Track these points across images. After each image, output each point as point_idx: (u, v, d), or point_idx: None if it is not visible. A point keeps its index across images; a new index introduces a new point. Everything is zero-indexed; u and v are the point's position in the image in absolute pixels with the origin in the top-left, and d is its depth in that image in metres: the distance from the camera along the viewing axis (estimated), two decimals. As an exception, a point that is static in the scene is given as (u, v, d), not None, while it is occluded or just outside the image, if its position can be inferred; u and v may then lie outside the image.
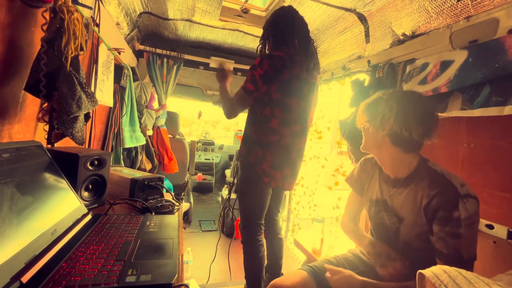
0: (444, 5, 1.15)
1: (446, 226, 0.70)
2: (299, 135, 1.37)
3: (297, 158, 1.41)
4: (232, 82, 3.22)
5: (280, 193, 1.61)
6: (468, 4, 1.06)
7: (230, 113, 1.37)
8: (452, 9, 1.13)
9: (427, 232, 0.78)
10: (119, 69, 1.64)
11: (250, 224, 1.43)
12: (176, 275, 0.49)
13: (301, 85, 1.31)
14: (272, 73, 1.23)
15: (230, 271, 1.79)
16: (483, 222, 1.06)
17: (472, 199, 0.70)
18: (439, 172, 0.77)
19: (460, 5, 1.09)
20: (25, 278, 0.43)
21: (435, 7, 1.19)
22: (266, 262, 1.63)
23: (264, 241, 1.48)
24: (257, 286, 1.43)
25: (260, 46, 1.43)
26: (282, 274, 1.66)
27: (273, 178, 1.35)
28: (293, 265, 2.27)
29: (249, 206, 1.43)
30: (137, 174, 1.06)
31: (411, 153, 0.82)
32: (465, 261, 0.70)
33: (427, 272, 0.48)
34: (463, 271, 0.46)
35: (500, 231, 1.00)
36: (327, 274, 0.88)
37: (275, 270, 1.63)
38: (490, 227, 1.03)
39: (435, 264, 0.76)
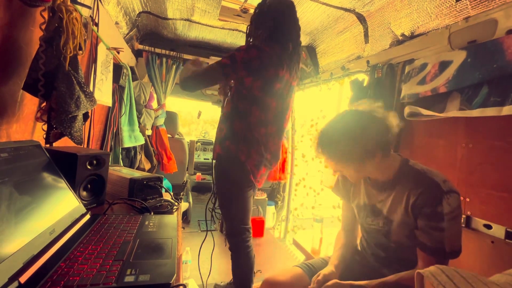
0: (443, 6, 1.15)
1: (430, 221, 0.73)
2: (273, 136, 1.31)
3: (272, 159, 1.35)
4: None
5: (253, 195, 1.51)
6: (467, 5, 1.07)
7: (192, 84, 1.25)
8: (451, 9, 1.13)
9: (413, 230, 0.80)
10: (118, 68, 1.63)
11: (238, 230, 1.33)
12: (175, 275, 0.49)
13: (282, 86, 1.27)
14: (257, 65, 1.17)
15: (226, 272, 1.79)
16: (481, 222, 1.06)
17: (454, 194, 0.73)
18: (421, 171, 0.79)
19: (459, 6, 1.09)
20: (23, 278, 0.43)
21: (434, 8, 1.19)
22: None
23: (252, 246, 1.39)
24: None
25: (249, 32, 1.33)
26: (258, 271, 1.63)
27: (256, 176, 1.29)
28: (292, 265, 2.27)
29: (235, 210, 1.33)
30: (136, 173, 1.05)
31: (392, 156, 0.85)
32: (447, 253, 0.72)
33: (425, 272, 0.48)
34: (460, 271, 0.46)
35: (498, 231, 1.00)
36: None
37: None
38: (488, 227, 1.03)
39: None
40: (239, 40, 2.30)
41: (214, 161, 1.35)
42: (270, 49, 1.21)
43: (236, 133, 1.27)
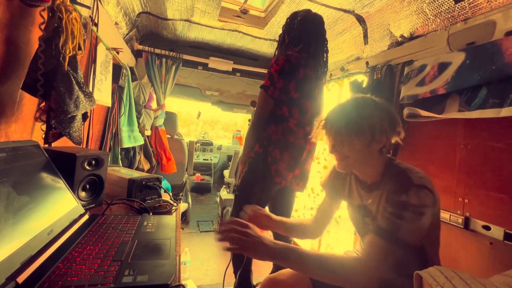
0: (441, 7, 1.15)
1: (392, 207, 0.70)
2: (307, 138, 1.37)
3: (307, 159, 1.41)
4: (230, 82, 3.20)
5: (292, 195, 1.57)
6: (466, 7, 1.07)
7: (258, 123, 1.34)
8: (449, 11, 1.14)
9: None
10: (117, 69, 1.63)
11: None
12: (173, 275, 0.49)
13: (312, 87, 1.36)
14: (288, 67, 1.27)
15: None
16: (479, 223, 1.07)
17: (426, 190, 0.69)
18: (402, 170, 0.77)
19: (458, 8, 1.10)
20: (20, 279, 0.43)
21: (433, 9, 1.19)
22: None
23: None
24: (248, 283, 1.42)
25: (280, 40, 1.45)
26: None
27: (284, 178, 1.34)
28: (291, 265, 2.27)
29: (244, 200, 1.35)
30: (135, 174, 1.05)
31: (383, 156, 0.83)
32: (398, 240, 0.67)
33: (424, 273, 0.48)
34: (459, 272, 0.46)
35: (497, 232, 1.00)
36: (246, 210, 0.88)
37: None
38: (487, 228, 1.04)
39: (419, 264, 0.76)
40: (239, 40, 2.30)
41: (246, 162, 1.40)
42: (297, 53, 1.31)
43: (270, 135, 1.32)
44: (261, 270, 1.96)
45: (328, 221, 1.06)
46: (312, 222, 1.06)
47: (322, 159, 2.49)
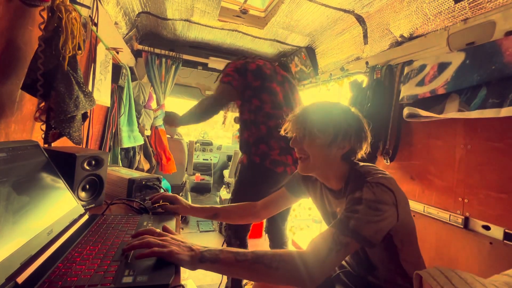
0: (441, 7, 1.15)
1: (348, 204, 0.68)
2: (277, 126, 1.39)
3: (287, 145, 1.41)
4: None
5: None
6: (466, 7, 1.07)
7: (206, 111, 1.36)
8: (449, 11, 1.14)
9: None
10: (117, 68, 1.63)
11: (244, 235, 1.39)
12: (173, 275, 0.49)
13: (271, 72, 1.41)
14: (240, 65, 1.36)
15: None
16: (479, 223, 1.07)
17: (383, 187, 0.67)
18: (362, 173, 0.75)
19: (458, 8, 1.10)
20: (20, 279, 0.43)
21: (432, 9, 1.19)
22: None
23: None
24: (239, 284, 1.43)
25: None
26: None
27: (285, 164, 1.32)
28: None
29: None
30: (135, 174, 1.05)
31: (347, 162, 0.80)
32: (350, 230, 0.64)
33: (423, 273, 0.48)
34: (459, 272, 0.46)
35: (496, 232, 1.00)
36: None
37: None
38: (487, 228, 1.04)
39: (395, 266, 0.74)
40: (239, 40, 2.30)
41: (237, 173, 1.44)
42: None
43: (247, 140, 1.35)
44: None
45: (277, 211, 1.03)
46: (259, 204, 1.01)
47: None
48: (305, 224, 2.89)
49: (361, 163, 0.81)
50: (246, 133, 1.36)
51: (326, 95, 2.35)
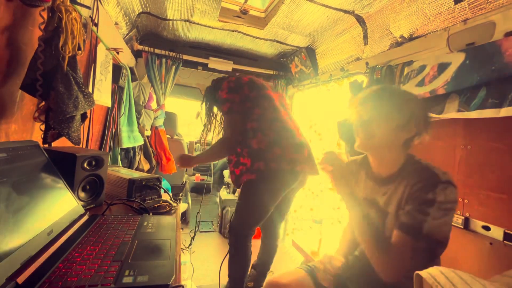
0: (441, 8, 1.16)
1: (419, 204, 0.69)
2: (290, 121, 1.45)
3: (304, 143, 1.43)
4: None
5: (292, 194, 1.58)
6: (466, 7, 1.07)
7: (231, 143, 1.39)
8: (449, 12, 1.14)
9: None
10: (117, 69, 1.63)
11: (248, 233, 1.40)
12: (174, 276, 0.49)
13: (263, 83, 1.50)
14: (233, 84, 1.42)
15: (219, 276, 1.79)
16: (479, 223, 1.07)
17: (452, 187, 0.69)
18: (424, 166, 0.77)
19: (458, 8, 1.10)
20: (21, 279, 0.43)
21: (432, 10, 1.19)
22: (256, 260, 1.66)
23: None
24: (240, 285, 1.44)
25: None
26: (271, 272, 1.68)
27: (300, 161, 1.34)
28: (291, 266, 2.27)
29: (260, 214, 1.37)
30: (135, 174, 1.05)
31: (405, 150, 0.83)
32: (424, 235, 0.67)
33: (424, 273, 0.48)
34: (460, 272, 0.46)
35: (496, 232, 1.00)
36: None
37: (264, 268, 1.66)
38: (487, 228, 1.04)
39: (420, 259, 0.75)
40: (239, 41, 2.30)
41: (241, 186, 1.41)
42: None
43: (257, 149, 1.35)
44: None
45: None
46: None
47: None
48: (307, 225, 2.89)
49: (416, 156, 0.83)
50: (253, 141, 1.35)
51: (326, 95, 2.35)
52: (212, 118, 1.68)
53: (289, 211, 1.70)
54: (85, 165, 0.81)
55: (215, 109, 1.68)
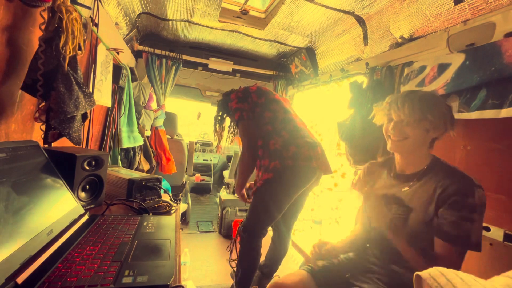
0: (441, 9, 1.16)
1: (460, 211, 0.73)
2: (300, 122, 1.54)
3: (317, 142, 1.47)
4: (230, 82, 3.22)
5: (306, 193, 1.60)
6: (465, 8, 1.07)
7: (250, 153, 1.46)
8: (449, 12, 1.14)
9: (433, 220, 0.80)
10: (117, 69, 1.63)
11: (261, 233, 1.41)
12: (173, 276, 0.49)
13: (269, 90, 1.60)
14: (241, 94, 1.51)
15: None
16: (479, 224, 1.07)
17: (483, 191, 0.74)
18: (453, 167, 0.82)
19: (457, 9, 1.10)
20: (20, 279, 0.43)
21: (432, 11, 1.20)
22: (263, 261, 1.64)
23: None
24: (248, 284, 1.44)
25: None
26: (276, 276, 1.67)
27: (315, 158, 1.38)
28: (290, 266, 2.27)
29: (275, 214, 1.39)
30: (134, 174, 1.05)
31: (431, 147, 0.88)
32: (473, 245, 0.72)
33: (424, 274, 0.48)
34: (460, 273, 0.46)
35: (496, 233, 1.00)
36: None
37: (271, 270, 1.66)
38: (487, 229, 1.04)
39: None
40: (239, 41, 2.31)
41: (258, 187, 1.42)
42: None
43: (274, 149, 1.39)
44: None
45: None
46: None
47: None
48: (308, 226, 2.88)
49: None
50: (270, 142, 1.41)
51: (326, 96, 2.35)
52: (223, 127, 1.79)
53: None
54: (85, 165, 0.81)
55: (228, 121, 1.78)
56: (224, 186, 3.32)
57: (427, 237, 0.82)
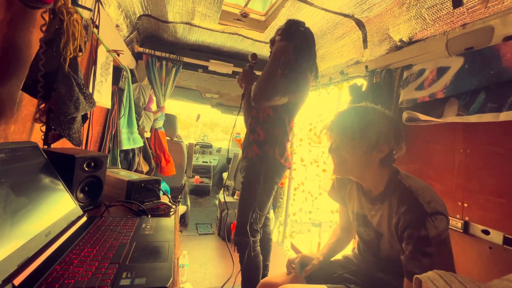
0: (440, 13, 1.16)
1: (416, 245, 0.67)
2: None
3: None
4: (230, 84, 3.21)
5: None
6: (464, 12, 1.08)
7: (269, 90, 1.30)
8: (448, 16, 1.15)
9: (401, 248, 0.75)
10: (117, 71, 1.64)
11: (250, 230, 1.38)
12: (171, 278, 0.49)
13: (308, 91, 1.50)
14: (301, 47, 1.39)
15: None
16: (479, 227, 1.06)
17: (440, 215, 0.68)
18: (408, 188, 0.74)
19: (456, 13, 1.11)
20: (17, 281, 0.42)
21: (431, 14, 1.20)
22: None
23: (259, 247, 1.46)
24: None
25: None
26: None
27: (286, 160, 1.46)
28: (290, 269, 2.26)
29: (262, 208, 1.41)
30: (134, 176, 1.05)
31: (387, 167, 0.81)
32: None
33: (423, 277, 0.48)
34: (459, 276, 0.46)
35: (496, 236, 1.00)
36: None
37: (263, 270, 1.64)
38: (486, 232, 1.03)
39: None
40: (239, 43, 2.31)
41: (245, 161, 1.48)
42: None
43: (275, 138, 1.42)
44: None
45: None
46: (342, 231, 1.08)
47: (321, 162, 2.48)
48: (306, 228, 2.87)
49: (401, 171, 0.82)
50: (276, 129, 1.43)
51: (326, 98, 2.35)
52: None
53: (283, 212, 1.75)
54: (84, 166, 0.81)
55: None
56: (223, 188, 3.31)
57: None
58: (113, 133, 1.79)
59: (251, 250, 1.39)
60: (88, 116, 1.02)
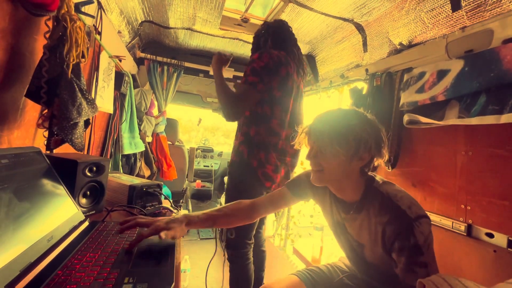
0: (439, 16, 1.17)
1: (409, 257, 0.64)
2: (290, 140, 1.31)
3: (293, 162, 1.39)
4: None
5: None
6: (463, 15, 1.09)
7: (234, 112, 1.21)
8: (447, 19, 1.16)
9: (389, 257, 0.72)
10: (119, 76, 1.65)
11: (241, 243, 1.31)
12: (173, 283, 0.49)
13: (293, 86, 1.34)
14: (272, 65, 1.22)
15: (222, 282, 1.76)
16: (483, 230, 1.06)
17: (423, 219, 0.65)
18: (385, 195, 0.71)
19: (456, 16, 1.12)
20: (19, 286, 0.42)
21: (431, 18, 1.21)
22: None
23: (252, 259, 1.37)
24: None
25: (256, 45, 1.48)
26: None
27: (274, 181, 1.29)
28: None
29: None
30: (135, 180, 1.05)
31: (364, 175, 0.76)
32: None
33: (426, 281, 0.47)
34: (463, 280, 0.45)
35: (500, 239, 0.99)
36: None
37: (258, 282, 1.55)
38: (490, 235, 1.03)
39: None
40: (240, 48, 2.33)
41: (231, 166, 1.35)
42: (278, 52, 1.29)
43: (252, 138, 1.27)
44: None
45: (274, 211, 0.97)
46: (250, 204, 0.93)
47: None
48: (307, 232, 2.85)
49: (377, 177, 0.78)
50: (252, 129, 1.27)
51: (327, 102, 2.36)
52: None
53: (284, 216, 1.66)
54: (86, 171, 0.81)
55: None
56: (225, 192, 3.30)
57: (390, 270, 0.74)
58: (115, 138, 1.80)
59: (244, 260, 1.32)
60: (90, 121, 1.03)
